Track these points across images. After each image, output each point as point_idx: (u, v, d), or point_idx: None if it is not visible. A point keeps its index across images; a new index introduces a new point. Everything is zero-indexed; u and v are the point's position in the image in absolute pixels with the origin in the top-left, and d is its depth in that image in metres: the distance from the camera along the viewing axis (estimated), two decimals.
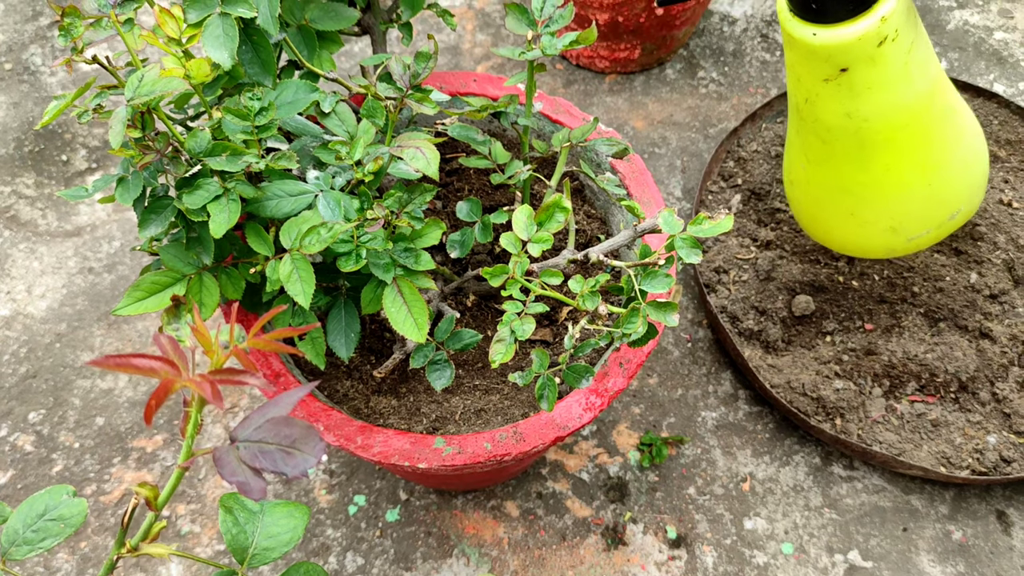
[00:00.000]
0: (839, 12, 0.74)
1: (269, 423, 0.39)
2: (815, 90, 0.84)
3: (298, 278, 0.64)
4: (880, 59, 0.78)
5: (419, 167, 0.66)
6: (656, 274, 0.72)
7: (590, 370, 0.70)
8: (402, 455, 0.77)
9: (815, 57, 0.80)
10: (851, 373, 1.13)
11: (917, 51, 0.80)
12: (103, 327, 1.23)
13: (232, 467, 0.39)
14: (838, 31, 0.76)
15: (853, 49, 0.77)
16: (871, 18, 0.75)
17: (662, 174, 1.37)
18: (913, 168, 0.89)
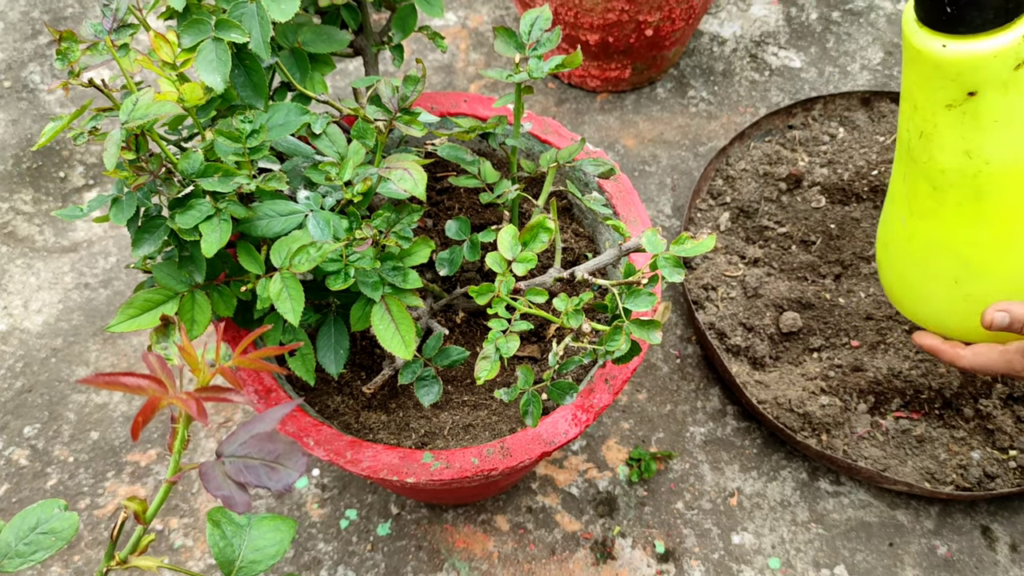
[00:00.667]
0: (977, 20, 0.66)
1: (254, 439, 0.41)
2: (934, 120, 0.74)
3: (288, 296, 0.65)
4: (1015, 86, 0.69)
5: (407, 188, 0.67)
6: (639, 293, 0.74)
7: (574, 387, 0.72)
8: (391, 470, 0.79)
9: (941, 75, 0.71)
10: (837, 389, 1.14)
11: None
12: (98, 342, 1.24)
13: (218, 481, 0.40)
14: (972, 44, 0.67)
15: (987, 67, 0.68)
16: (1012, 33, 0.66)
17: (652, 192, 1.38)
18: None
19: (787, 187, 1.30)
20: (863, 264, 1.24)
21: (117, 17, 0.64)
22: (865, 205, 1.28)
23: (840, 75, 1.51)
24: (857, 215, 1.27)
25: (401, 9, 0.91)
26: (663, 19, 1.28)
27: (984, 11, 0.66)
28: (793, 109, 1.36)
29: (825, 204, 1.29)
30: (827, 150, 1.33)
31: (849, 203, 1.29)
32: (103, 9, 0.64)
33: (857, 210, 1.27)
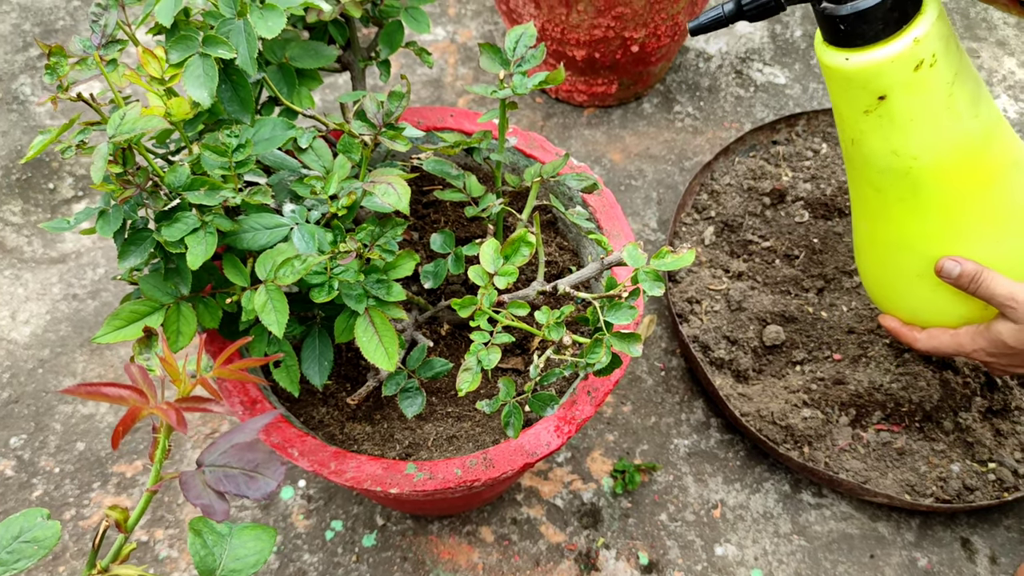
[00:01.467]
0: (869, 33, 0.72)
1: (234, 448, 0.42)
2: (858, 126, 0.81)
3: (272, 308, 0.66)
4: (919, 86, 0.75)
5: (391, 202, 0.68)
6: (620, 306, 0.75)
7: (555, 399, 0.73)
8: (374, 480, 0.79)
9: (852, 85, 0.77)
10: (819, 402, 1.15)
11: (962, 85, 0.77)
12: (86, 353, 1.25)
13: (197, 490, 0.41)
14: (870, 53, 0.74)
15: (888, 72, 0.74)
16: (904, 39, 0.73)
17: (638, 206, 1.40)
18: (980, 219, 0.84)
19: (771, 202, 1.32)
20: (845, 278, 1.26)
21: (106, 33, 0.64)
22: (847, 220, 1.29)
23: (824, 91, 1.53)
24: (840, 230, 1.29)
25: (388, 25, 0.92)
26: (648, 35, 1.29)
27: (872, 24, 0.72)
28: (777, 125, 1.38)
29: (808, 219, 1.30)
30: (810, 165, 1.35)
31: (832, 218, 1.30)
32: (92, 25, 0.65)
33: (840, 225, 1.29)
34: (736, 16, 0.78)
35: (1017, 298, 0.84)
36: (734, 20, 0.79)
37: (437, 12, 1.61)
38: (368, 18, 0.94)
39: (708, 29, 0.81)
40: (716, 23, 0.80)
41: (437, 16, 1.61)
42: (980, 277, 0.85)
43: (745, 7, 0.77)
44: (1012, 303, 0.85)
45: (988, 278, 0.85)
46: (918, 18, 0.73)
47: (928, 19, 0.73)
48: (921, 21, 0.73)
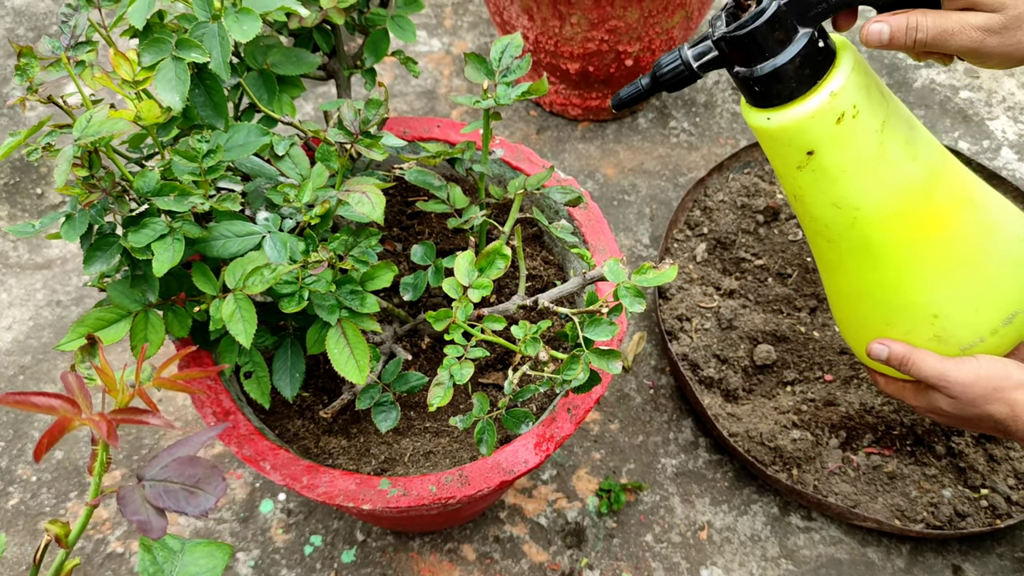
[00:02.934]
0: (784, 92, 0.72)
1: (176, 463, 0.40)
2: (796, 182, 0.80)
3: (240, 318, 0.65)
4: (845, 138, 0.74)
5: (365, 211, 0.67)
6: (600, 322, 0.73)
7: (529, 415, 0.71)
8: (347, 496, 0.78)
9: (778, 143, 0.77)
10: (809, 423, 1.13)
11: (893, 131, 0.76)
12: (67, 360, 1.23)
13: (135, 506, 0.39)
14: (789, 112, 0.73)
15: (810, 129, 0.74)
16: (819, 95, 0.72)
17: (631, 221, 1.38)
18: (932, 263, 0.81)
19: (764, 219, 1.30)
20: None
21: (75, 34, 0.63)
22: None
23: None
24: None
25: (374, 33, 0.91)
26: (643, 50, 1.28)
27: (785, 83, 0.72)
28: None
29: (802, 237, 1.29)
30: None
31: None
32: (61, 25, 0.64)
33: None
34: (653, 88, 0.78)
35: (947, 377, 0.83)
36: (652, 92, 0.78)
37: (433, 23, 1.60)
38: (354, 26, 0.93)
39: (630, 103, 0.81)
40: (636, 97, 0.80)
41: (433, 27, 1.60)
42: (909, 360, 0.85)
43: (660, 78, 0.77)
44: (943, 382, 0.84)
45: (917, 360, 0.84)
46: (832, 72, 0.73)
47: (843, 72, 0.73)
48: (836, 75, 0.73)
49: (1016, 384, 0.82)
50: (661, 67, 0.76)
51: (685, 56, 0.74)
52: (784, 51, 0.70)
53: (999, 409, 0.82)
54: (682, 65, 0.75)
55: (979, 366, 0.83)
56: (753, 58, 0.71)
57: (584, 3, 1.18)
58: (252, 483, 1.14)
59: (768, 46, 0.70)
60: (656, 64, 0.77)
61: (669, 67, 0.76)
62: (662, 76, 0.76)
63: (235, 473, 1.15)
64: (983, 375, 0.83)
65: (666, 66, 0.76)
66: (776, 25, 0.69)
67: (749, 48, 0.70)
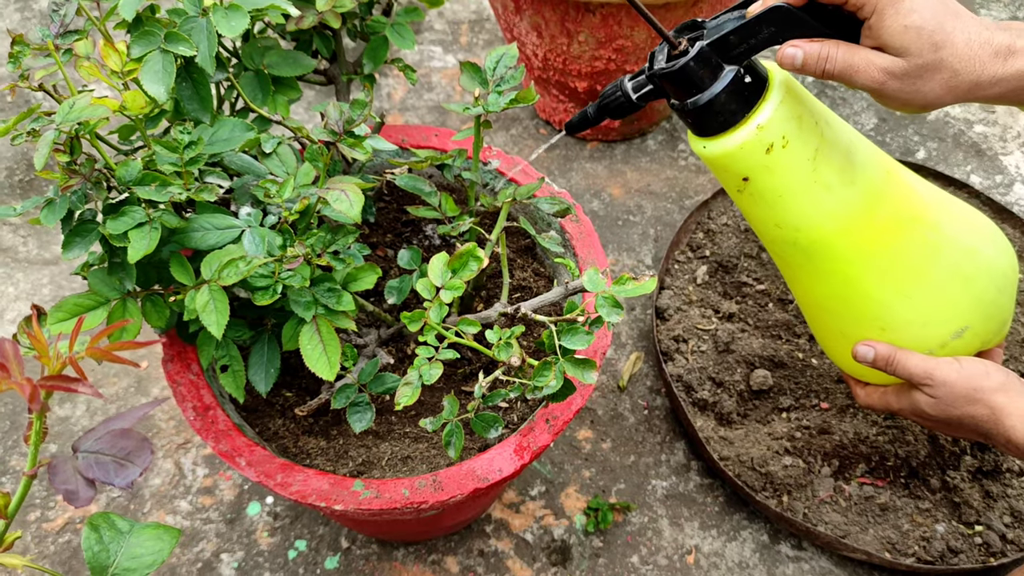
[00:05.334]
0: (713, 125, 0.76)
1: (110, 435, 0.40)
2: (740, 202, 0.84)
3: (213, 309, 0.65)
4: (776, 166, 0.77)
5: (342, 209, 0.67)
6: (577, 331, 0.73)
7: (498, 420, 0.71)
8: (320, 495, 0.78)
9: (716, 170, 0.81)
10: (802, 451, 1.12)
11: (827, 158, 0.78)
12: None
13: (65, 475, 0.39)
14: (721, 142, 0.76)
15: (741, 158, 0.77)
16: (746, 128, 0.75)
17: (635, 241, 1.38)
18: (877, 278, 0.84)
19: None
20: None
21: (64, 23, 0.65)
22: None
23: None
24: None
25: (374, 40, 0.92)
26: None
27: (714, 117, 0.75)
28: None
29: None
30: None
31: None
32: (52, 14, 0.65)
33: None
34: (598, 115, 0.81)
35: (933, 376, 0.83)
36: (599, 119, 0.81)
37: (448, 40, 1.62)
38: (356, 33, 0.94)
39: (579, 128, 0.84)
40: (583, 122, 0.83)
41: (448, 44, 1.62)
42: (894, 359, 0.85)
43: (603, 107, 0.80)
44: (928, 380, 0.84)
45: (903, 359, 0.85)
46: (761, 105, 0.75)
47: (771, 105, 0.75)
48: (764, 107, 0.75)
49: (996, 386, 0.82)
50: (605, 96, 0.80)
51: (625, 88, 0.78)
52: (711, 87, 0.73)
53: (979, 411, 0.82)
54: (622, 96, 0.78)
55: (960, 367, 0.84)
56: (684, 92, 0.74)
57: (591, 22, 1.18)
58: (241, 485, 1.15)
59: (696, 82, 0.73)
60: (601, 94, 0.80)
61: (611, 97, 0.79)
62: (605, 104, 0.80)
63: (224, 475, 1.15)
64: (964, 375, 0.83)
65: (609, 96, 0.79)
66: (702, 64, 0.72)
67: (678, 84, 0.74)
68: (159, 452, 1.17)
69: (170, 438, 1.18)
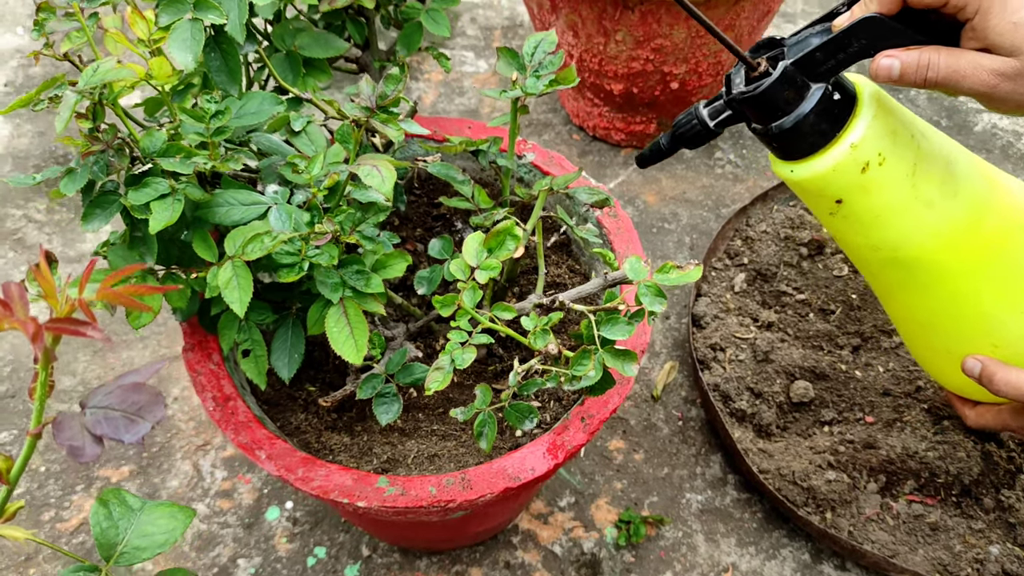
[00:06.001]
0: (803, 146, 0.70)
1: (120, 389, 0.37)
2: (831, 226, 0.77)
3: (236, 285, 0.62)
4: (873, 186, 0.71)
5: (374, 184, 0.64)
6: (617, 320, 0.69)
7: (533, 411, 0.67)
8: (342, 491, 0.74)
9: (806, 194, 0.75)
10: (846, 465, 1.06)
11: (926, 172, 0.72)
12: (88, 353, 1.22)
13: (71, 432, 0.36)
14: (811, 165, 0.71)
15: (834, 180, 0.71)
16: (840, 147, 0.69)
17: (669, 249, 1.34)
18: (987, 292, 0.78)
19: (808, 252, 1.25)
20: (884, 337, 1.17)
21: None
22: None
23: None
24: None
25: (408, 26, 0.90)
26: (689, 72, 1.25)
27: (802, 139, 0.69)
28: None
29: (848, 273, 1.23)
30: None
31: None
32: None
33: None
34: (672, 145, 0.76)
35: None
36: (673, 150, 0.76)
37: (481, 45, 1.60)
38: (389, 20, 0.91)
39: (651, 162, 0.78)
40: (656, 154, 0.77)
41: (481, 49, 1.59)
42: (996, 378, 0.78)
43: (678, 136, 0.74)
44: None
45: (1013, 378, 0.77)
46: (852, 122, 0.69)
47: (863, 121, 0.69)
48: (856, 125, 0.69)
49: None
50: (679, 126, 0.75)
51: (701, 115, 0.72)
52: (797, 109, 0.68)
53: None
54: (698, 124, 0.73)
55: None
56: (767, 116, 0.69)
57: (630, 20, 1.15)
58: (260, 488, 1.11)
59: (781, 104, 0.68)
60: (674, 123, 0.75)
61: (685, 125, 0.74)
62: (680, 134, 0.74)
63: (244, 478, 1.12)
64: None
65: (683, 125, 0.74)
66: (787, 84, 0.67)
67: (761, 108, 0.68)
68: (177, 453, 1.14)
69: (189, 439, 1.15)
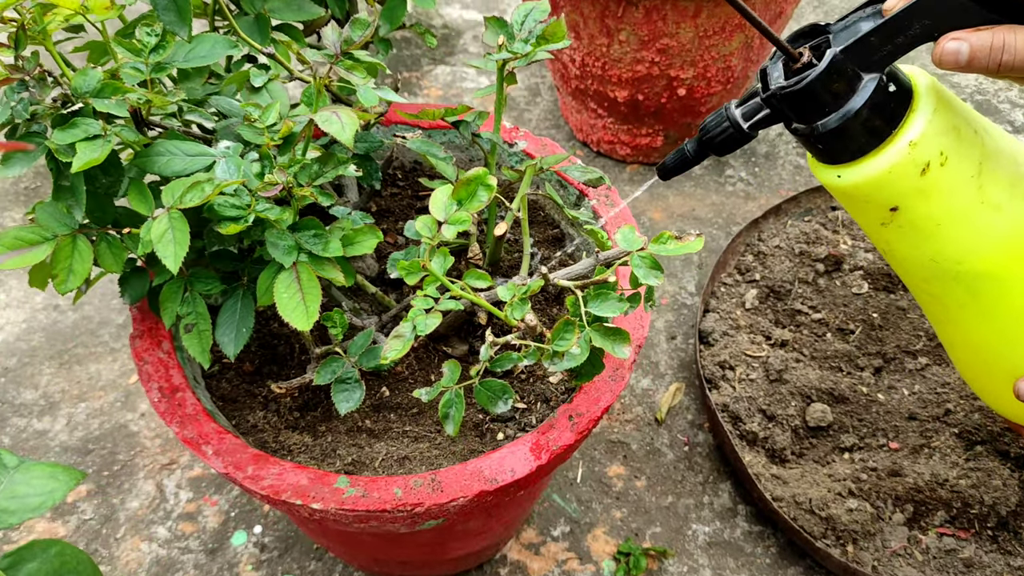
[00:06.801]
0: (853, 147, 0.61)
1: None
2: (883, 238, 0.68)
3: (172, 239, 0.55)
4: (934, 189, 0.62)
5: (332, 131, 0.57)
6: (608, 295, 0.61)
7: (507, 389, 0.58)
8: (296, 491, 0.65)
9: (855, 201, 0.65)
10: (869, 493, 0.96)
11: (992, 172, 0.63)
12: (54, 366, 1.14)
13: None
14: (863, 168, 0.61)
15: (890, 184, 0.62)
16: (897, 145, 0.60)
17: (676, 268, 1.26)
18: None
19: (825, 269, 1.17)
20: (908, 359, 1.08)
21: None
22: None
23: None
24: (904, 304, 1.12)
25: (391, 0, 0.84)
26: (697, 77, 1.19)
27: (853, 139, 0.60)
28: None
29: (868, 290, 1.14)
30: None
31: (895, 291, 1.14)
32: None
33: (904, 299, 1.13)
34: (700, 152, 0.67)
35: None
36: (700, 157, 0.67)
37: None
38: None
39: (676, 171, 0.69)
40: (682, 163, 0.68)
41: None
42: None
43: (707, 141, 0.65)
44: None
45: None
46: (910, 116, 0.60)
47: (923, 115, 0.60)
48: (915, 120, 0.60)
49: None
50: (707, 129, 0.65)
51: (732, 115, 0.64)
52: (847, 103, 0.59)
53: None
54: (730, 126, 0.64)
55: None
56: (812, 114, 0.60)
57: (634, 17, 1.09)
58: (227, 511, 1.02)
59: (827, 100, 0.59)
60: (702, 127, 0.66)
61: (715, 128, 0.65)
62: (708, 138, 0.65)
63: (210, 499, 1.03)
64: None
65: (712, 128, 0.65)
66: (836, 75, 0.58)
67: (805, 104, 0.60)
68: (140, 472, 1.05)
69: (154, 457, 1.07)
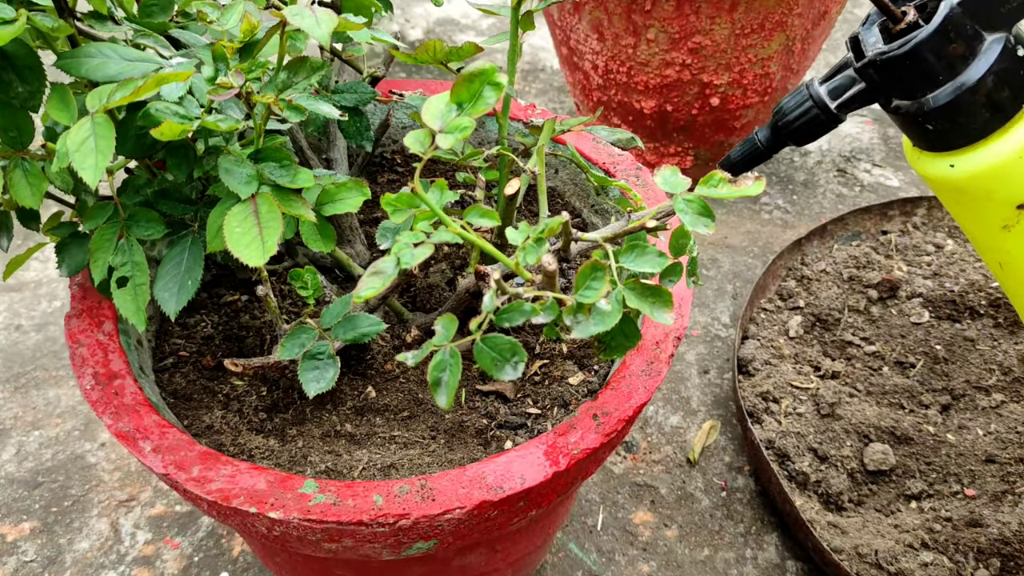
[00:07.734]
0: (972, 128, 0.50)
1: None
2: (1002, 247, 0.56)
3: (93, 147, 0.43)
4: None
5: (305, 26, 0.45)
6: (644, 249, 0.49)
7: (518, 349, 0.44)
8: (250, 498, 0.52)
9: (971, 197, 0.54)
10: (945, 546, 0.81)
11: None
12: (9, 389, 1.02)
13: None
14: (984, 153, 0.51)
15: (1019, 174, 0.51)
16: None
17: (709, 298, 1.13)
18: None
19: (879, 295, 1.04)
20: (980, 395, 0.94)
21: None
22: (983, 322, 0.99)
23: None
24: (972, 334, 0.99)
25: None
26: (732, 84, 1.08)
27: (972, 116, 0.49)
28: (889, 210, 1.11)
29: (929, 319, 1.01)
30: (932, 261, 1.07)
31: (961, 319, 1.01)
32: None
33: (972, 328, 0.99)
34: (775, 141, 0.56)
35: None
36: (775, 148, 0.56)
37: None
38: None
39: (745, 166, 0.58)
40: (752, 155, 0.57)
41: None
42: None
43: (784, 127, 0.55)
44: None
45: None
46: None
47: None
48: None
49: None
50: (784, 112, 0.55)
51: (817, 93, 0.53)
52: (967, 70, 0.48)
53: None
54: (814, 106, 0.53)
55: None
56: (920, 85, 0.50)
57: (664, 11, 0.99)
58: (190, 556, 0.87)
59: (940, 67, 0.48)
60: (776, 110, 0.55)
61: (794, 110, 0.54)
62: (785, 123, 0.54)
63: (171, 541, 0.88)
64: None
65: (790, 111, 0.54)
66: (950, 36, 0.47)
67: (912, 72, 0.49)
68: (93, 509, 0.91)
69: (111, 493, 0.93)
